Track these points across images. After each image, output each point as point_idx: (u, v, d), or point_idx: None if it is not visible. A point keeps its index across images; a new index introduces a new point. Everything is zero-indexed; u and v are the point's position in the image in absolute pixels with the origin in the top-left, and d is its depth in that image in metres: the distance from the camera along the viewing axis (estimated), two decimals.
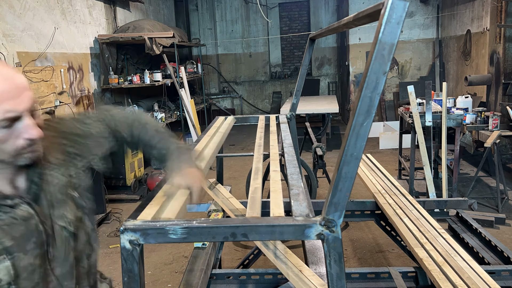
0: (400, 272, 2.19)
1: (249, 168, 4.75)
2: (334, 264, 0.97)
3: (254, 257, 2.96)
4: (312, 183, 4.30)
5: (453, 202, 3.02)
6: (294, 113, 2.67)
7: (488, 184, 5.20)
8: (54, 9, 5.13)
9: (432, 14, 8.73)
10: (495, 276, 2.10)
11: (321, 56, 11.11)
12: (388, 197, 2.96)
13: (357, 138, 0.88)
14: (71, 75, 5.42)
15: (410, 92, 4.45)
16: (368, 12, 0.96)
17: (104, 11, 6.45)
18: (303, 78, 2.59)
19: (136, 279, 1.02)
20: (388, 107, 9.02)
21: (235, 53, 11.26)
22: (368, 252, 3.73)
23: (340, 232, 0.96)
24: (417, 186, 5.05)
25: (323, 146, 4.61)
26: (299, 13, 11.09)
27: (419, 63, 9.09)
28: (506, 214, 4.25)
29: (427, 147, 4.28)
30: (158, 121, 6.50)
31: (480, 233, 2.72)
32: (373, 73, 0.85)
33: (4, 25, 4.24)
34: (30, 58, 4.58)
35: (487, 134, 4.68)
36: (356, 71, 9.13)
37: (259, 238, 0.99)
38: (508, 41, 5.80)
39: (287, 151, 1.71)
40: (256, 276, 2.25)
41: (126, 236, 1.00)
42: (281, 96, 10.97)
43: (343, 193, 0.92)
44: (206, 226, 0.98)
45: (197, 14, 11.10)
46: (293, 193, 1.19)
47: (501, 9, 5.77)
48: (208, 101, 9.90)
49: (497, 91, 5.93)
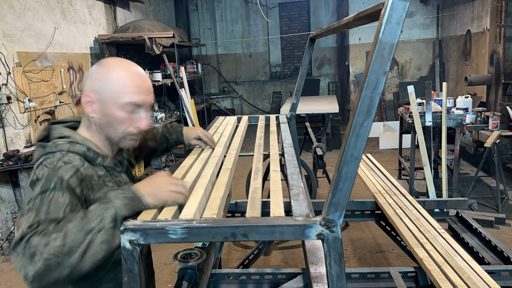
0: (400, 272, 2.19)
1: (249, 168, 4.75)
2: (334, 264, 0.97)
3: (254, 257, 2.96)
4: (312, 183, 4.30)
5: (453, 202, 3.02)
6: (294, 113, 2.66)
7: (488, 184, 5.20)
8: (54, 9, 5.13)
9: (432, 14, 8.73)
10: (495, 276, 2.10)
11: (321, 56, 11.11)
12: (388, 197, 2.96)
13: (357, 138, 0.88)
14: (71, 75, 5.42)
15: (410, 92, 4.45)
16: (368, 12, 0.96)
17: (104, 11, 6.45)
18: (303, 78, 2.59)
19: (136, 279, 1.02)
20: (388, 107, 9.02)
21: (235, 53, 11.26)
22: (368, 252, 3.73)
23: (340, 232, 0.96)
24: (417, 186, 5.05)
25: (323, 146, 4.61)
26: (299, 13, 11.09)
27: (419, 63, 9.09)
28: (506, 214, 4.25)
29: (427, 147, 4.27)
30: (159, 121, 6.51)
31: (480, 233, 2.71)
32: (373, 73, 0.85)
33: (4, 25, 4.23)
34: (30, 58, 4.58)
35: (487, 134, 4.68)
36: (356, 71, 9.13)
37: (259, 238, 0.99)
38: (508, 41, 5.80)
39: (287, 151, 1.70)
40: (256, 276, 2.25)
41: (126, 236, 1.00)
42: (281, 96, 10.97)
43: (343, 193, 0.92)
44: (206, 226, 0.98)
45: (197, 14, 11.10)
46: (293, 193, 1.18)
47: (501, 9, 5.77)
48: (208, 101, 9.90)
49: (497, 91, 5.93)
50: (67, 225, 1.01)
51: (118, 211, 1.04)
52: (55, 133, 1.23)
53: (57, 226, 1.02)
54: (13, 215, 4.22)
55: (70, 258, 0.98)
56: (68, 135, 1.22)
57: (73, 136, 1.22)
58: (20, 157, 3.89)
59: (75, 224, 1.01)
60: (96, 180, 1.21)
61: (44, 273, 0.97)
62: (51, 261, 0.97)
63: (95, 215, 1.03)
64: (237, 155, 1.66)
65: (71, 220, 1.03)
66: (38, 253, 0.97)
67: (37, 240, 0.99)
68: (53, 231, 1.00)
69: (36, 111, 4.58)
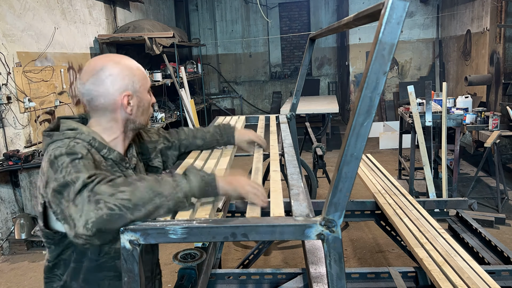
0: (400, 272, 2.19)
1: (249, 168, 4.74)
2: (334, 264, 0.97)
3: (254, 257, 2.96)
4: (312, 183, 4.30)
5: (453, 202, 3.02)
6: (294, 113, 2.66)
7: (488, 184, 5.20)
8: (54, 9, 5.13)
9: (432, 14, 8.73)
10: (495, 276, 2.10)
11: (321, 56, 11.11)
12: (388, 197, 2.96)
13: (357, 138, 0.88)
14: (71, 75, 5.42)
15: (410, 92, 4.45)
16: (368, 12, 0.96)
17: (104, 11, 6.45)
18: (303, 78, 2.59)
19: (136, 279, 1.02)
20: (388, 107, 9.02)
21: (235, 53, 11.26)
22: (368, 252, 3.73)
23: (340, 232, 0.96)
24: (417, 186, 5.05)
25: (323, 146, 4.61)
26: (299, 13, 11.09)
27: (419, 63, 9.09)
28: (506, 214, 4.25)
29: (427, 147, 4.27)
30: (158, 121, 6.50)
31: (480, 233, 2.72)
32: (373, 73, 0.85)
33: (4, 25, 4.24)
34: (30, 58, 4.58)
35: (487, 134, 4.68)
36: (356, 71, 9.13)
37: (259, 238, 0.99)
38: (508, 41, 5.80)
39: (287, 151, 1.70)
40: (256, 276, 2.25)
41: (126, 236, 1.00)
42: (281, 96, 10.97)
43: (343, 193, 0.92)
44: (206, 226, 0.98)
45: (197, 14, 11.10)
46: (293, 193, 1.19)
47: (501, 9, 5.77)
48: (208, 101, 9.90)
49: (497, 91, 5.94)
50: (138, 182, 1.03)
51: (192, 190, 1.07)
52: (64, 126, 1.27)
53: (126, 180, 1.03)
54: (13, 215, 4.22)
55: (133, 214, 0.99)
56: (76, 127, 1.26)
57: (80, 128, 1.26)
58: (20, 157, 3.89)
59: (147, 184, 1.03)
60: (105, 166, 1.24)
61: (105, 221, 0.98)
62: (114, 212, 0.98)
63: (169, 182, 1.06)
64: (233, 155, 1.66)
65: (143, 179, 1.04)
66: (102, 201, 0.98)
67: (104, 188, 1.00)
68: (121, 183, 1.02)
69: (36, 111, 4.58)
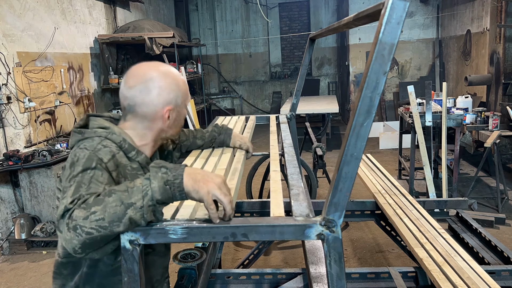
0: (400, 272, 2.19)
1: (249, 168, 4.75)
2: (334, 264, 0.97)
3: (254, 257, 2.96)
4: (312, 183, 4.30)
5: (453, 202, 3.02)
6: (294, 113, 2.66)
7: (488, 184, 5.20)
8: (54, 9, 5.13)
9: (432, 14, 8.73)
10: (495, 276, 2.10)
11: (321, 56, 11.11)
12: (388, 197, 2.96)
13: (357, 138, 0.88)
14: (71, 75, 5.42)
15: (410, 92, 4.45)
16: (368, 12, 0.96)
17: (104, 11, 6.45)
18: (303, 78, 2.59)
19: (136, 279, 1.02)
20: (388, 107, 9.02)
21: (235, 53, 11.26)
22: (368, 252, 3.73)
23: (340, 232, 0.96)
24: (417, 186, 5.05)
25: (323, 146, 4.61)
26: (299, 13, 11.09)
27: (419, 63, 9.09)
28: (506, 214, 4.25)
29: (427, 147, 4.27)
30: None
31: (480, 233, 2.72)
32: (373, 73, 0.85)
33: (4, 25, 4.24)
34: (30, 58, 4.58)
35: (487, 134, 4.68)
36: (356, 71, 9.13)
37: (259, 238, 0.99)
38: (508, 41, 5.80)
39: (287, 151, 1.71)
40: (256, 276, 2.25)
41: (126, 236, 1.00)
42: (281, 96, 10.97)
43: (343, 193, 0.92)
44: (206, 226, 0.98)
45: (197, 14, 11.10)
46: (293, 193, 1.19)
47: (501, 9, 5.77)
48: (208, 101, 9.89)
49: (497, 91, 5.93)
50: (107, 198, 1.01)
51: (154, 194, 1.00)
52: (95, 124, 1.27)
53: (96, 198, 1.02)
54: (13, 215, 4.22)
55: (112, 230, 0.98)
56: (107, 126, 1.26)
57: (112, 128, 1.26)
58: (20, 157, 3.89)
59: (116, 198, 1.00)
60: (130, 170, 1.25)
61: (90, 244, 0.99)
62: (94, 235, 0.98)
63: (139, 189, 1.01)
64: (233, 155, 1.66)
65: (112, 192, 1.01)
66: (79, 227, 0.98)
67: (77, 212, 1.00)
68: (92, 203, 1.01)
69: (36, 111, 4.58)
